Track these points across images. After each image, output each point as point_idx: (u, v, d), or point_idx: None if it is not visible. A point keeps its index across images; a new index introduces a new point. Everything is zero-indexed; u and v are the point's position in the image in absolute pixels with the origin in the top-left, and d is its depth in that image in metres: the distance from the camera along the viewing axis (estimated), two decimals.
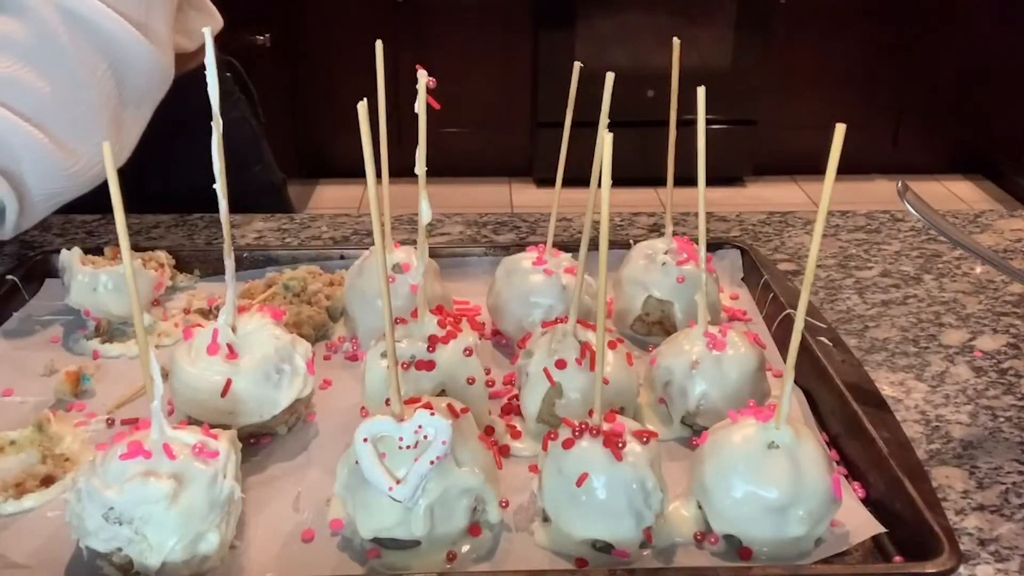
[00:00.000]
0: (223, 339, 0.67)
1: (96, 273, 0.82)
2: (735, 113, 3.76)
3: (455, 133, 3.73)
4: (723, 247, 0.96)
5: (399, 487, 0.56)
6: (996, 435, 0.72)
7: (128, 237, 0.55)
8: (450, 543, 0.59)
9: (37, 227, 1.09)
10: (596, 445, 0.58)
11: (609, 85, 0.65)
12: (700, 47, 3.64)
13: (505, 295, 0.82)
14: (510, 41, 3.70)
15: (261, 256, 0.95)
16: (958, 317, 0.91)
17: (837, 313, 0.91)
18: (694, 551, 0.60)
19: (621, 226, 1.11)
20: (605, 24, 3.63)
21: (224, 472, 0.57)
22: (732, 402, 0.68)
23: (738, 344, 0.70)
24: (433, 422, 0.56)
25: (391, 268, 0.80)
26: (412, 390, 0.66)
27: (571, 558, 0.59)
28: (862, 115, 3.78)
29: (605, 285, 0.57)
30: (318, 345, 0.83)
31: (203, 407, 0.67)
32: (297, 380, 0.69)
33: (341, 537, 0.60)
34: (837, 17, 3.73)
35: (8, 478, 0.65)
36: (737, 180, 3.94)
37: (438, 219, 1.13)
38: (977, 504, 0.65)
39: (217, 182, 0.65)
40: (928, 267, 1.02)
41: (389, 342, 0.57)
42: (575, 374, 0.68)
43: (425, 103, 0.66)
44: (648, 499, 0.57)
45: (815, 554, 0.58)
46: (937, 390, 0.78)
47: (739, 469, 0.58)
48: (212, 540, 0.56)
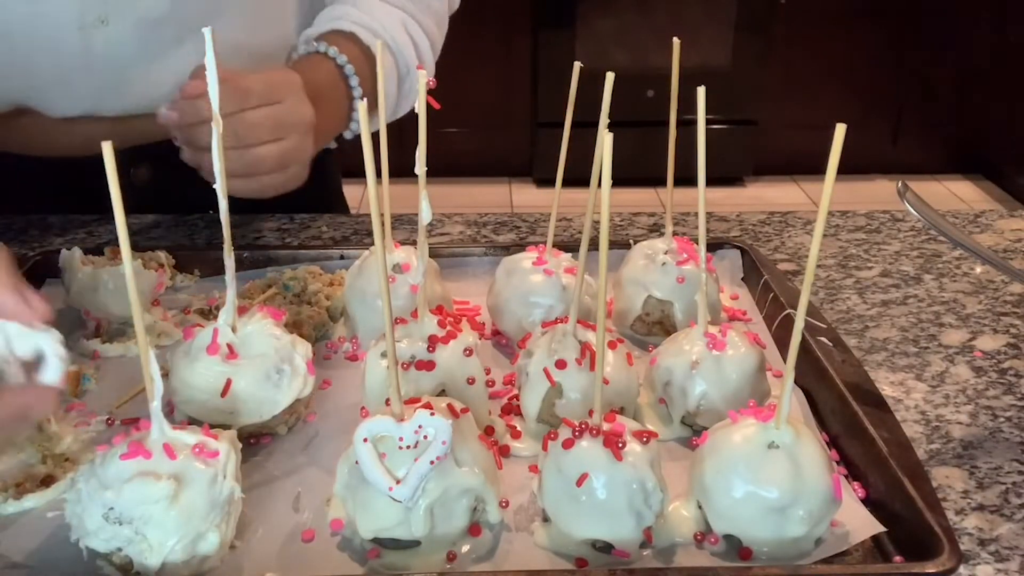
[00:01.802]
0: (223, 339, 0.67)
1: (96, 273, 0.82)
2: (735, 113, 3.76)
3: (455, 133, 3.73)
4: (723, 247, 0.96)
5: (399, 487, 0.56)
6: (996, 435, 0.72)
7: (128, 237, 0.55)
8: (450, 543, 0.59)
9: (37, 227, 1.10)
10: (596, 445, 0.58)
11: (609, 85, 0.65)
12: (700, 47, 3.64)
13: (505, 295, 0.82)
14: (510, 41, 3.70)
15: (261, 256, 0.95)
16: (958, 317, 0.91)
17: (837, 313, 0.91)
18: (694, 551, 0.60)
19: (621, 226, 1.11)
20: (605, 24, 3.63)
21: (224, 472, 0.57)
22: (732, 402, 0.68)
23: (738, 344, 0.70)
24: (433, 422, 0.56)
25: (391, 268, 0.80)
26: (412, 390, 0.66)
27: (571, 558, 0.59)
28: (862, 115, 3.78)
29: (605, 285, 0.57)
30: (318, 345, 0.83)
31: (203, 407, 0.67)
32: (297, 380, 0.69)
33: (341, 537, 0.60)
34: (837, 17, 3.73)
35: (8, 478, 0.65)
36: (737, 180, 3.94)
37: (438, 219, 1.13)
38: (977, 504, 0.65)
39: (217, 182, 0.65)
40: (928, 267, 1.02)
41: (389, 342, 0.57)
42: (575, 374, 0.68)
43: (425, 103, 0.66)
44: (648, 499, 0.57)
45: (815, 554, 0.58)
46: (937, 390, 0.78)
47: (739, 469, 0.58)
48: (212, 540, 0.56)
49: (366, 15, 1.12)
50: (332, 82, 1.07)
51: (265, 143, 0.92)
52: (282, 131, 0.93)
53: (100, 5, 1.00)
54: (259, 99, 0.91)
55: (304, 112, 0.96)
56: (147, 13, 1.03)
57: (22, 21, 0.99)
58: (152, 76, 1.06)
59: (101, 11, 1.01)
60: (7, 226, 1.10)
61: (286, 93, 0.95)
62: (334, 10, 1.15)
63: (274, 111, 0.93)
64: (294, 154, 0.95)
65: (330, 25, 1.12)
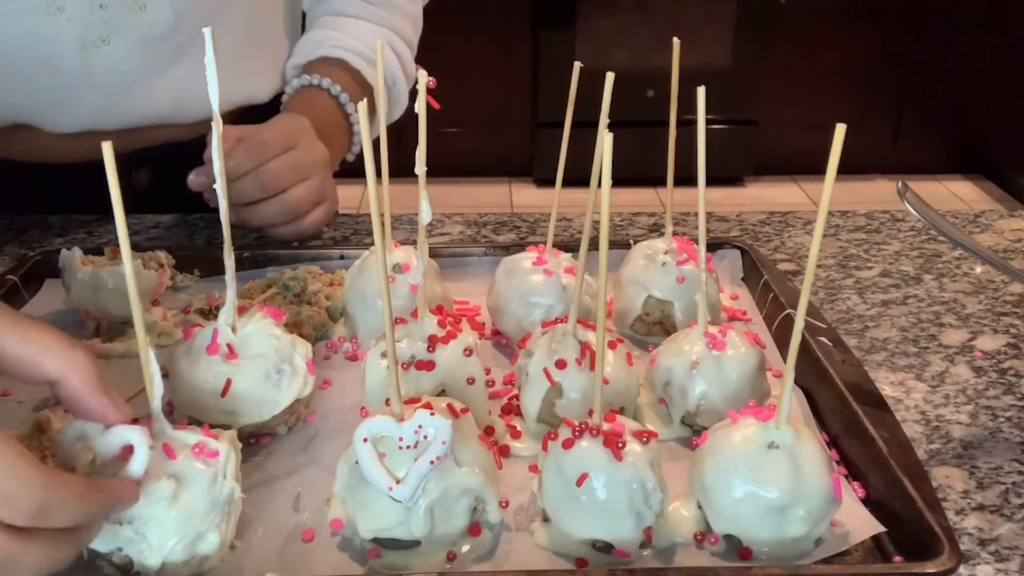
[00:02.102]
0: (223, 339, 0.67)
1: (96, 273, 0.82)
2: (735, 113, 3.76)
3: (455, 133, 3.73)
4: (723, 247, 0.96)
5: (399, 487, 0.56)
6: (996, 435, 0.72)
7: (128, 237, 0.55)
8: (450, 543, 0.59)
9: (37, 227, 1.10)
10: (596, 445, 0.58)
11: (609, 85, 0.64)
12: (700, 47, 3.64)
13: (505, 295, 0.82)
14: (510, 41, 3.70)
15: (261, 256, 0.95)
16: (958, 317, 0.91)
17: (837, 313, 0.91)
18: (694, 551, 0.60)
19: (621, 226, 1.11)
20: (605, 24, 3.63)
21: (224, 472, 0.57)
22: (732, 402, 0.68)
23: (738, 344, 0.70)
24: (433, 422, 0.56)
25: (391, 268, 0.80)
26: (412, 390, 0.66)
27: (571, 558, 0.59)
28: (862, 115, 3.79)
29: (605, 285, 0.57)
30: (318, 345, 0.83)
31: (203, 407, 0.67)
32: (297, 380, 0.69)
33: (341, 537, 0.60)
34: (837, 17, 3.73)
35: None
36: (737, 180, 3.94)
37: (438, 219, 1.13)
38: (977, 504, 0.65)
39: (217, 182, 0.65)
40: (928, 267, 1.02)
41: (389, 342, 0.57)
42: (575, 374, 0.68)
43: (425, 103, 0.66)
44: (648, 499, 0.57)
45: (815, 554, 0.58)
46: (937, 390, 0.78)
47: (739, 469, 0.58)
48: (212, 540, 0.56)
49: (352, 39, 1.16)
50: (330, 113, 1.13)
51: (294, 185, 1.00)
52: (304, 172, 1.01)
53: (101, 25, 1.01)
54: (276, 148, 0.99)
55: (319, 150, 1.04)
56: (148, 32, 1.03)
57: (22, 41, 0.99)
58: (153, 93, 1.07)
59: (102, 31, 1.01)
60: (7, 226, 1.10)
61: (299, 137, 1.02)
62: (319, 34, 1.17)
63: (292, 156, 1.00)
64: (322, 190, 1.04)
65: (319, 52, 1.15)
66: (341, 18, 1.18)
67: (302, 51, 1.17)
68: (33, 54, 1.00)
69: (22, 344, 0.53)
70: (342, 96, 1.12)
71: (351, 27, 1.17)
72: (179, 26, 1.04)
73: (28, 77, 1.01)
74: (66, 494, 0.48)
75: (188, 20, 1.05)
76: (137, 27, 1.02)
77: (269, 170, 0.97)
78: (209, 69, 0.63)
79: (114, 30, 1.01)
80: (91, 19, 1.00)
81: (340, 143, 1.15)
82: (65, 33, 1.00)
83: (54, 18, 0.98)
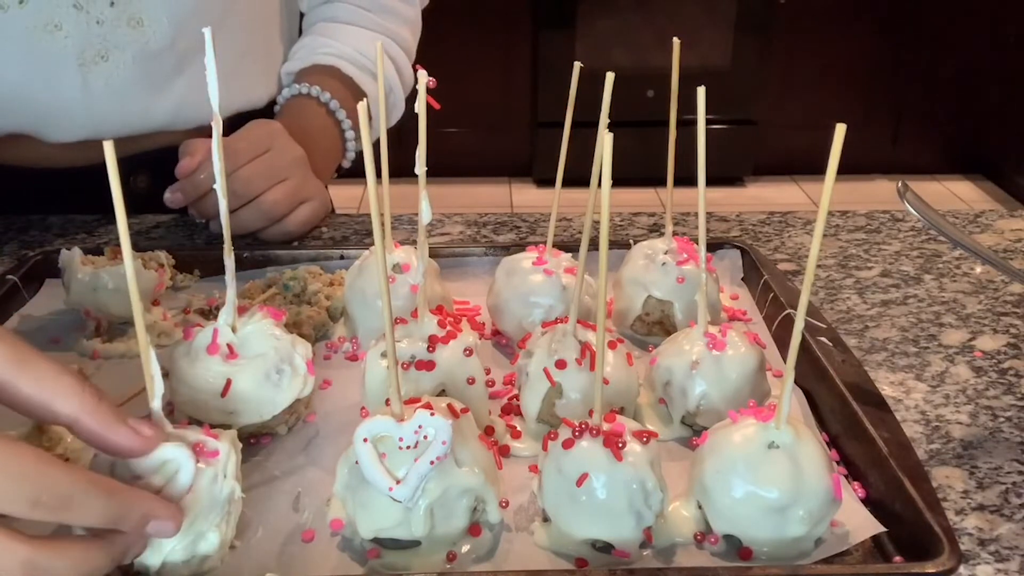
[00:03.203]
0: (223, 339, 0.67)
1: (96, 273, 0.82)
2: (735, 113, 3.76)
3: (455, 133, 3.73)
4: (723, 247, 0.96)
5: (399, 487, 0.56)
6: (996, 435, 0.72)
7: (128, 237, 0.55)
8: (450, 543, 0.59)
9: (37, 227, 1.10)
10: (596, 445, 0.58)
11: (609, 85, 0.64)
12: (700, 47, 3.64)
13: (505, 295, 0.82)
14: (510, 41, 3.70)
15: (261, 256, 0.95)
16: (958, 317, 0.91)
17: (837, 313, 0.91)
18: (694, 551, 0.60)
19: (621, 226, 1.11)
20: (605, 24, 3.63)
21: (224, 472, 0.57)
22: (732, 402, 0.68)
23: (738, 344, 0.70)
24: (433, 422, 0.56)
25: (391, 268, 0.80)
26: (412, 390, 0.66)
27: (571, 558, 0.59)
28: (862, 115, 3.79)
29: (605, 285, 0.57)
30: (318, 345, 0.83)
31: (203, 407, 0.67)
32: (297, 380, 0.69)
33: (341, 537, 0.60)
34: (837, 17, 3.73)
35: None
36: (737, 180, 3.95)
37: (438, 219, 1.13)
38: (977, 504, 0.65)
39: (217, 182, 0.65)
40: (928, 267, 1.02)
41: (389, 342, 0.57)
42: (575, 374, 0.68)
43: (425, 103, 0.66)
44: (648, 499, 0.57)
45: (815, 554, 0.58)
46: (937, 390, 0.78)
47: (739, 469, 0.58)
48: (212, 540, 0.56)
49: (346, 46, 1.15)
50: (321, 122, 1.12)
51: (268, 189, 0.99)
52: (278, 174, 1.01)
53: (99, 42, 1.01)
54: (247, 155, 0.99)
55: (293, 151, 1.03)
56: (146, 46, 1.03)
57: (20, 58, 0.99)
58: (152, 106, 1.07)
59: (100, 47, 1.01)
60: (7, 226, 1.10)
61: (270, 141, 1.02)
62: (313, 40, 1.17)
63: (263, 160, 1.00)
64: (302, 189, 1.03)
65: (312, 60, 1.15)
66: (336, 24, 1.18)
67: (296, 58, 1.17)
68: (31, 71, 1.00)
69: (35, 385, 0.52)
70: (332, 103, 1.12)
71: (345, 34, 1.17)
72: (177, 40, 1.04)
73: (27, 94, 1.02)
74: (92, 488, 0.47)
75: (186, 34, 1.05)
76: (135, 42, 1.02)
77: (240, 177, 0.97)
78: (209, 68, 0.62)
79: (112, 46, 1.01)
80: (89, 36, 1.00)
81: (333, 151, 1.15)
82: (63, 50, 1.00)
83: (52, 35, 0.98)
